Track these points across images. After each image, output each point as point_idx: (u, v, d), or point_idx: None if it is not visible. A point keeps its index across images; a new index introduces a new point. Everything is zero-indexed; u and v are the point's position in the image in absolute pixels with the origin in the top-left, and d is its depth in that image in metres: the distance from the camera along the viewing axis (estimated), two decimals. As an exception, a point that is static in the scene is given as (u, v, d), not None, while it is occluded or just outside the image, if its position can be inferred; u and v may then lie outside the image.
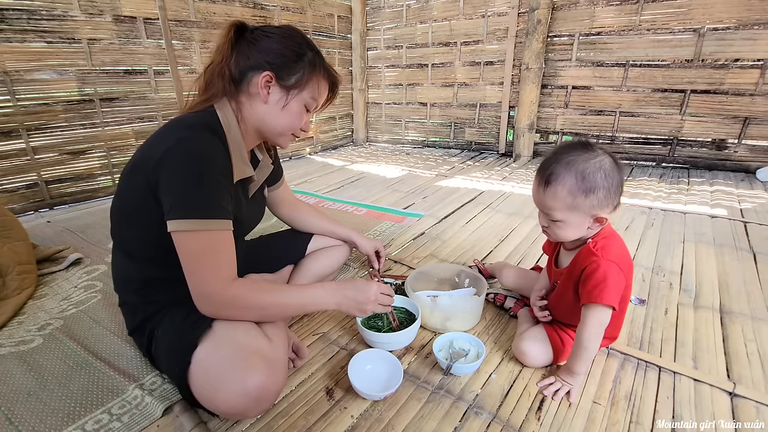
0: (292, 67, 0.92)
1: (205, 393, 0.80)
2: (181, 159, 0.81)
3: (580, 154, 0.89)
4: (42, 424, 0.89)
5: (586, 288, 0.91)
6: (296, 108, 0.96)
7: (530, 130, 3.48)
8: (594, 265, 0.91)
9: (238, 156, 0.94)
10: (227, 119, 0.93)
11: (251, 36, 0.92)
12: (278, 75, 0.91)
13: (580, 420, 0.90)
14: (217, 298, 0.84)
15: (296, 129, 1.00)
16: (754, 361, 1.07)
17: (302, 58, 0.93)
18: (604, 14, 3.01)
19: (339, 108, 4.32)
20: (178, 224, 0.80)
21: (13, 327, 1.25)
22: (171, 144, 0.82)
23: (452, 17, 3.69)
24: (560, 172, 0.89)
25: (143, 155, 0.87)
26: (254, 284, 0.90)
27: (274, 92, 0.93)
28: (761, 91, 2.68)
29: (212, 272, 0.83)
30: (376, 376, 1.01)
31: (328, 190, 2.77)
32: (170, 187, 0.81)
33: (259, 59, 0.91)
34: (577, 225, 0.93)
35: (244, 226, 1.13)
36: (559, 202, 0.91)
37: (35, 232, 2.00)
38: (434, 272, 1.42)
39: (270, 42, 0.92)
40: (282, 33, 0.94)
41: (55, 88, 2.34)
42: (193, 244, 0.82)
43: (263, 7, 3.31)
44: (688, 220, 2.05)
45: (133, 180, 0.89)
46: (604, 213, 0.91)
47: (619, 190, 0.91)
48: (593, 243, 0.94)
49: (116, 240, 0.99)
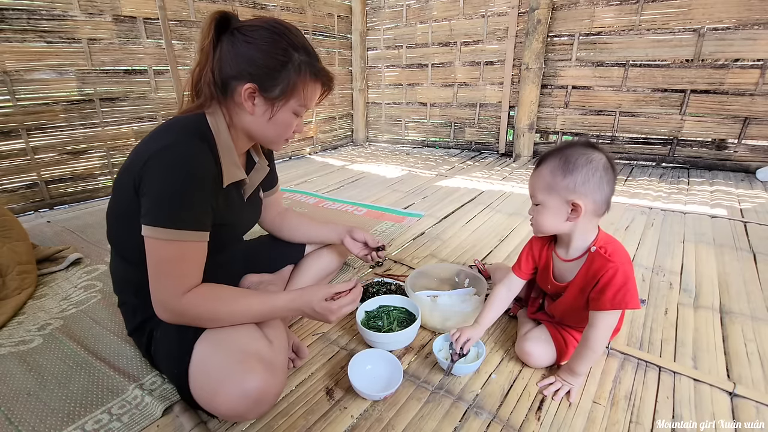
0: (275, 77, 0.87)
1: (204, 395, 0.80)
2: (163, 167, 0.80)
3: (579, 147, 0.92)
4: (42, 424, 0.89)
5: (606, 295, 0.89)
6: (284, 118, 0.92)
7: (530, 130, 3.48)
8: (612, 271, 0.89)
9: (229, 160, 0.93)
10: (217, 124, 0.91)
11: (232, 38, 0.86)
12: (261, 87, 0.87)
13: (580, 420, 0.90)
14: (170, 306, 0.84)
15: (287, 136, 0.97)
16: (754, 361, 1.07)
17: (286, 65, 0.87)
18: (604, 14, 3.01)
19: (339, 108, 4.32)
20: (149, 230, 0.80)
21: (13, 327, 1.25)
22: (156, 150, 0.81)
23: (452, 17, 3.69)
24: (550, 156, 0.93)
25: (133, 158, 0.87)
26: (212, 294, 0.87)
27: (259, 104, 0.89)
28: (761, 91, 2.68)
29: (171, 281, 0.83)
30: (376, 376, 1.01)
31: (327, 190, 2.77)
32: (149, 193, 0.81)
33: (240, 69, 0.86)
34: (554, 211, 0.92)
35: (240, 227, 1.13)
36: (540, 181, 0.94)
37: (35, 232, 2.00)
38: (434, 272, 1.42)
39: (250, 50, 0.85)
40: (264, 38, 0.86)
41: (55, 88, 2.33)
42: (160, 252, 0.82)
43: (263, 7, 3.31)
44: (688, 220, 2.05)
45: (123, 182, 0.88)
46: (580, 200, 0.88)
47: (603, 185, 0.89)
48: (603, 249, 0.92)
49: (112, 242, 0.99)
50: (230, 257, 1.16)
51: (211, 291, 0.87)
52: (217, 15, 0.86)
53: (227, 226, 0.99)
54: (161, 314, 0.85)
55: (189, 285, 0.84)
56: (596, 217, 0.93)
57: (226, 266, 1.12)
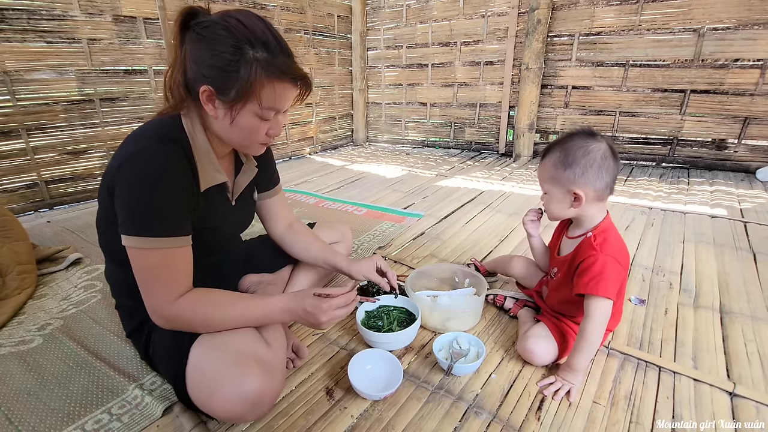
0: (227, 79, 0.78)
1: (201, 397, 0.80)
2: (134, 174, 0.79)
3: (579, 138, 0.98)
4: (42, 424, 0.89)
5: (583, 279, 0.96)
6: (246, 122, 0.83)
7: (530, 130, 3.47)
8: (592, 259, 0.96)
9: (207, 163, 0.90)
10: (192, 127, 0.88)
11: (193, 35, 0.80)
12: (217, 89, 0.79)
13: (580, 420, 0.90)
14: (163, 313, 0.83)
15: (257, 140, 0.88)
16: (754, 361, 1.07)
17: (237, 65, 0.77)
18: (604, 14, 3.01)
19: (339, 108, 4.32)
20: (127, 240, 0.80)
21: (13, 327, 1.25)
22: (127, 156, 0.80)
23: (452, 17, 3.69)
24: (553, 149, 1.01)
25: (111, 163, 0.86)
26: (204, 299, 0.85)
27: (219, 107, 0.82)
28: (761, 91, 2.68)
29: (159, 288, 0.82)
30: (376, 376, 1.01)
31: (327, 190, 2.77)
32: (122, 202, 0.80)
33: (197, 70, 0.80)
34: (559, 199, 1.02)
35: (226, 232, 1.08)
36: (545, 172, 1.03)
37: (35, 232, 2.00)
38: (434, 272, 1.42)
39: (202, 49, 0.79)
40: (214, 35, 0.78)
41: (55, 88, 2.33)
42: (142, 260, 0.81)
43: (263, 7, 3.31)
44: (688, 220, 2.05)
45: (102, 188, 0.88)
46: (581, 190, 0.97)
47: (602, 173, 0.95)
48: (594, 237, 0.99)
49: (102, 246, 0.99)
50: (227, 258, 1.16)
51: (204, 296, 0.86)
52: (183, 11, 0.80)
53: (210, 229, 0.96)
54: (156, 321, 0.85)
55: (179, 290, 0.83)
56: (599, 201, 1.01)
57: (222, 267, 1.12)
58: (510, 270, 1.38)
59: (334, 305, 0.88)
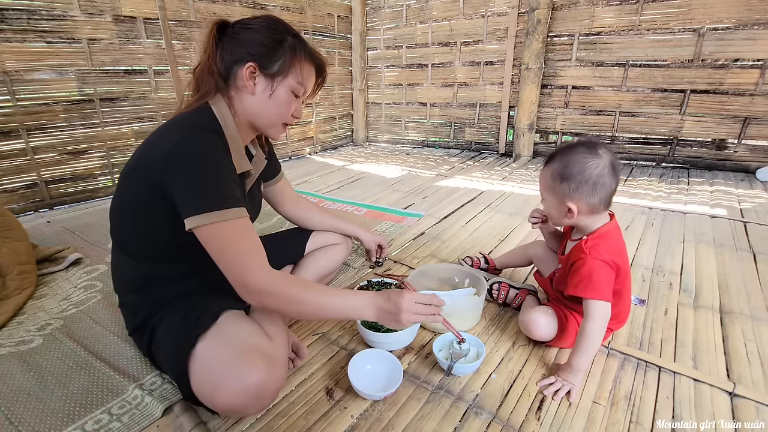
0: (273, 55, 0.93)
1: (205, 390, 0.80)
2: (186, 160, 0.83)
3: (581, 151, 0.97)
4: (42, 424, 0.89)
5: (572, 281, 1.00)
6: (283, 95, 0.96)
7: (530, 130, 3.47)
8: (581, 262, 0.99)
9: (236, 151, 0.96)
10: (223, 115, 0.94)
11: (232, 31, 0.94)
12: (261, 64, 0.92)
13: (580, 420, 0.90)
14: (259, 284, 0.83)
15: (287, 117, 0.99)
16: (754, 361, 1.07)
17: (282, 44, 0.93)
18: (604, 14, 3.01)
19: (339, 108, 4.32)
20: (198, 219, 0.81)
21: (13, 327, 1.25)
22: (172, 147, 0.83)
23: (452, 17, 3.69)
24: (554, 159, 1.02)
25: (143, 157, 0.89)
26: (298, 280, 0.93)
27: (260, 82, 0.94)
28: (761, 91, 2.68)
29: (248, 259, 0.84)
30: (376, 376, 1.01)
31: (328, 190, 2.77)
32: (187, 184, 0.83)
33: (241, 52, 0.92)
34: (554, 207, 1.04)
35: None
36: (544, 181, 1.05)
37: (35, 232, 2.00)
38: (434, 272, 1.42)
39: (250, 33, 0.93)
40: (260, 23, 0.95)
41: (55, 88, 2.33)
42: (215, 237, 0.83)
43: (263, 7, 3.31)
44: (688, 220, 2.05)
45: (133, 181, 0.91)
46: (573, 204, 0.98)
47: (597, 190, 0.96)
48: (585, 241, 1.01)
49: (116, 239, 1.00)
50: None
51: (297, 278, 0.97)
52: (219, 20, 0.95)
53: None
54: (245, 297, 0.85)
55: (260, 260, 0.85)
56: (593, 215, 1.02)
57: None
58: (530, 252, 1.39)
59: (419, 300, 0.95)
